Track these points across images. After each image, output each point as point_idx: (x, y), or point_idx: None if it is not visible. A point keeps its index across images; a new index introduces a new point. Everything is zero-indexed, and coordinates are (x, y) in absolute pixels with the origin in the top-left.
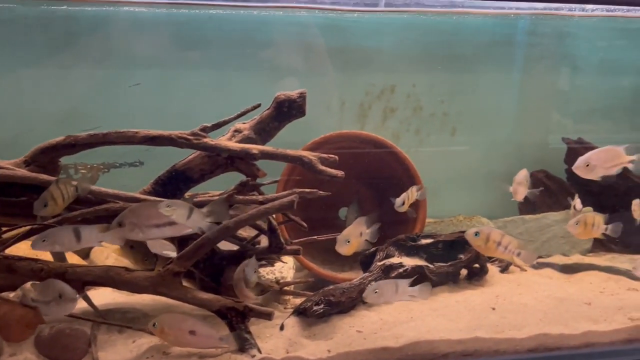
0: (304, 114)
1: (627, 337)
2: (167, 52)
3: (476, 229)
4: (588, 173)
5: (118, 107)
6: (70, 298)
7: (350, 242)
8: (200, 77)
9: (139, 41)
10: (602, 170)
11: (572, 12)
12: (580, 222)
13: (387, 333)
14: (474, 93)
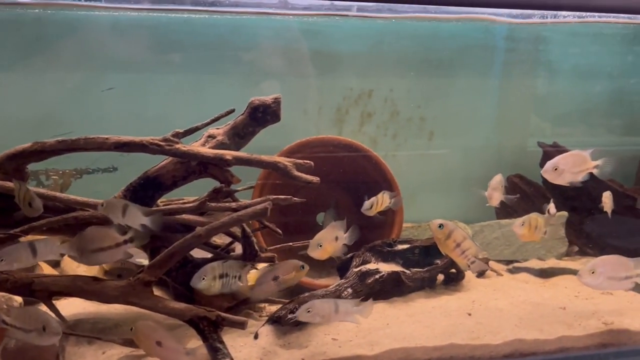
0: (278, 119)
1: (601, 342)
2: (142, 56)
3: (442, 221)
4: (556, 177)
5: (92, 112)
6: (54, 332)
7: (322, 246)
8: (176, 81)
9: (113, 45)
10: (569, 175)
11: (544, 20)
12: (525, 223)
13: (362, 340)
14: (451, 98)
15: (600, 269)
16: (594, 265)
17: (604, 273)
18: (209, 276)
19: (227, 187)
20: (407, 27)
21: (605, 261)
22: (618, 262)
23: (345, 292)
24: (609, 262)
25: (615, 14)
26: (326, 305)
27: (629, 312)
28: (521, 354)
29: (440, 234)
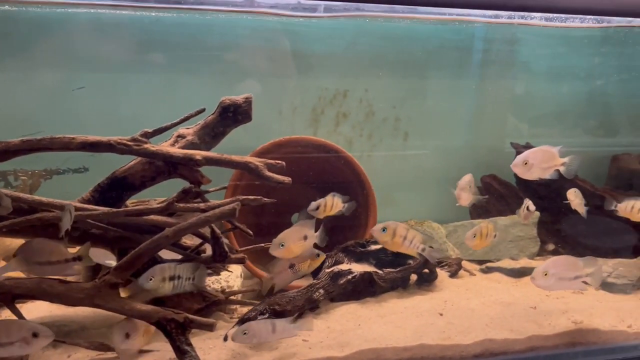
0: (250, 119)
1: (570, 341)
2: (113, 55)
3: (383, 225)
4: (526, 172)
5: (62, 112)
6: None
7: (285, 245)
8: (148, 81)
9: (83, 44)
10: (538, 170)
11: (517, 21)
12: (476, 235)
13: (333, 342)
14: (426, 98)
15: (552, 270)
16: (546, 267)
17: (556, 274)
18: (157, 277)
19: (196, 187)
20: (382, 28)
21: (556, 262)
22: (568, 263)
23: (317, 293)
24: (560, 263)
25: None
26: (262, 326)
27: (598, 311)
28: (491, 354)
29: (386, 236)
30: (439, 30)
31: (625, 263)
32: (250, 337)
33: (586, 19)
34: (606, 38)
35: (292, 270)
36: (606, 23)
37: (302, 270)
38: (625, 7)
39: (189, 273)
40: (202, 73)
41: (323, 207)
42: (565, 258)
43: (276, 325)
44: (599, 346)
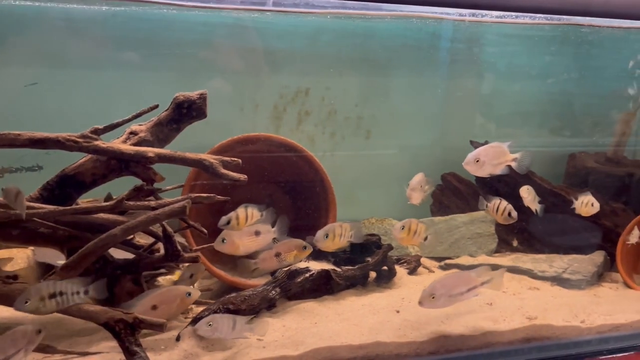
0: (204, 115)
1: (524, 337)
2: (68, 51)
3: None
4: (477, 169)
5: (13, 108)
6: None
7: (226, 240)
8: (105, 77)
9: (37, 39)
10: (489, 167)
11: (480, 19)
12: (405, 227)
13: (288, 340)
14: (388, 97)
15: (439, 291)
16: (432, 289)
17: (445, 294)
18: (34, 298)
19: (149, 185)
20: (343, 25)
21: (443, 283)
22: (456, 280)
23: (273, 292)
24: (447, 284)
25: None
26: (225, 321)
27: (552, 306)
28: (447, 351)
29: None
30: (400, 29)
31: (580, 259)
32: (214, 329)
33: (536, 17)
34: (565, 38)
35: (277, 258)
36: (565, 20)
37: (288, 259)
38: (574, 6)
39: (75, 288)
40: (161, 69)
41: (235, 220)
42: (452, 277)
43: (236, 322)
44: (552, 341)
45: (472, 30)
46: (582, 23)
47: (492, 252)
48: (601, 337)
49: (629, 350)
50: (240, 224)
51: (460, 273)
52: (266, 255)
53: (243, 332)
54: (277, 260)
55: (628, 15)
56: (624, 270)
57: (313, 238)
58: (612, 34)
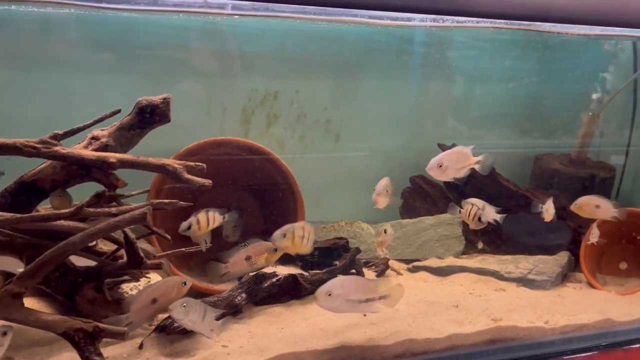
0: (168, 120)
1: (489, 338)
2: (31, 54)
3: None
4: (441, 174)
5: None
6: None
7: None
8: (68, 80)
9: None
10: (453, 171)
11: (448, 24)
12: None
13: (253, 346)
14: (357, 100)
15: (338, 290)
16: (331, 287)
17: (342, 295)
18: None
19: (111, 191)
20: (311, 29)
21: (343, 283)
22: (356, 285)
23: (239, 298)
24: (346, 285)
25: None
26: (198, 308)
27: (517, 307)
28: (412, 354)
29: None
30: (368, 32)
31: (545, 260)
32: (186, 312)
33: (496, 22)
34: (531, 42)
35: (248, 262)
36: (534, 26)
37: (259, 263)
38: (533, 12)
39: None
40: (126, 73)
41: (197, 225)
42: (353, 279)
43: (206, 314)
44: (517, 343)
45: (441, 34)
46: (552, 30)
47: (459, 254)
48: (564, 337)
49: (592, 350)
50: (201, 228)
51: (361, 279)
52: (237, 258)
53: (208, 328)
54: (247, 264)
55: (585, 21)
56: (588, 271)
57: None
58: (576, 38)
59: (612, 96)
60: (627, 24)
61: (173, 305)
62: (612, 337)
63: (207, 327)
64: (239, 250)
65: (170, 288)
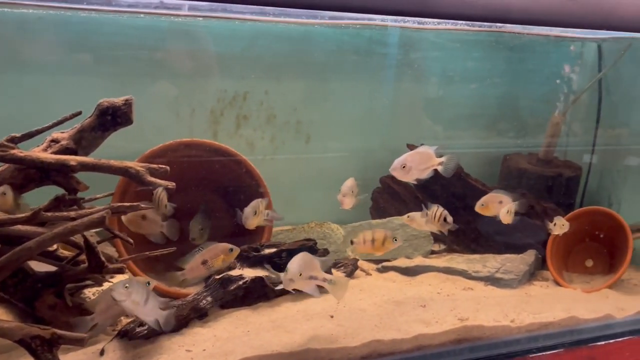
0: (130, 122)
1: (456, 338)
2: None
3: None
4: (405, 175)
5: None
6: None
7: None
8: (28, 82)
9: None
10: (416, 172)
11: (417, 26)
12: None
13: (217, 350)
14: (327, 101)
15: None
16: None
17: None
18: None
19: (72, 194)
20: (279, 30)
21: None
22: (308, 262)
23: (205, 301)
24: (302, 263)
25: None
26: (141, 289)
27: (484, 306)
28: (379, 355)
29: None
30: (337, 33)
31: (512, 258)
32: (129, 293)
33: (458, 24)
34: (500, 43)
35: (204, 265)
36: (495, 28)
37: (216, 265)
38: (494, 13)
39: None
40: (90, 74)
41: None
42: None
43: (150, 297)
44: (483, 342)
45: (410, 35)
46: (520, 31)
47: (428, 254)
48: (530, 335)
49: (558, 347)
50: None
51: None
52: (193, 264)
53: (150, 316)
54: (205, 268)
55: (545, 22)
56: (554, 268)
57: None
58: (543, 39)
59: (577, 96)
60: (588, 25)
61: (115, 285)
62: (578, 335)
63: (150, 314)
64: (195, 256)
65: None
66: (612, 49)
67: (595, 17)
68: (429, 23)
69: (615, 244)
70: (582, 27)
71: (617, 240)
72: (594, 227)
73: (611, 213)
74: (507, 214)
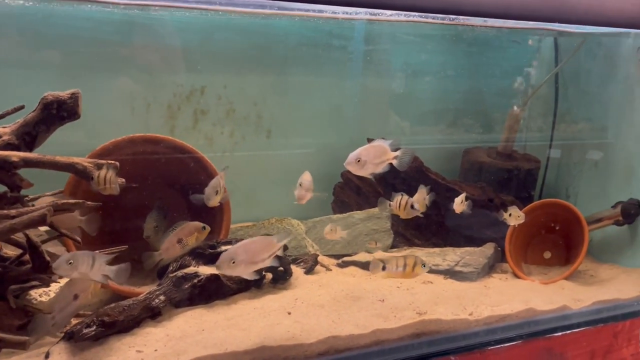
0: (77, 116)
1: (414, 332)
2: None
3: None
4: (359, 169)
5: None
6: None
7: None
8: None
9: None
10: (371, 166)
11: (376, 17)
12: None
13: (169, 350)
14: (288, 95)
15: (240, 257)
16: (232, 254)
17: (245, 260)
18: None
19: (15, 192)
20: (237, 22)
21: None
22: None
23: (157, 300)
24: (249, 249)
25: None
26: (86, 258)
27: (443, 300)
28: (336, 351)
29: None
30: (297, 27)
31: (471, 251)
32: (74, 268)
33: (411, 15)
34: (460, 37)
35: (180, 244)
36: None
37: (190, 243)
38: (446, 5)
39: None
40: (38, 67)
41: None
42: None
43: (95, 260)
44: (441, 335)
45: (369, 29)
46: (475, 24)
47: (388, 248)
48: (489, 328)
49: (516, 340)
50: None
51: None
52: (168, 244)
53: (101, 274)
54: (180, 247)
55: (497, 14)
56: (513, 261)
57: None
58: (502, 32)
59: (534, 90)
60: (540, 18)
61: (57, 264)
62: (535, 326)
63: (99, 273)
64: (169, 236)
65: (90, 283)
66: (569, 44)
67: (548, 9)
68: (383, 14)
69: (572, 235)
70: (534, 20)
71: (574, 232)
72: (551, 219)
73: (568, 205)
74: (461, 204)
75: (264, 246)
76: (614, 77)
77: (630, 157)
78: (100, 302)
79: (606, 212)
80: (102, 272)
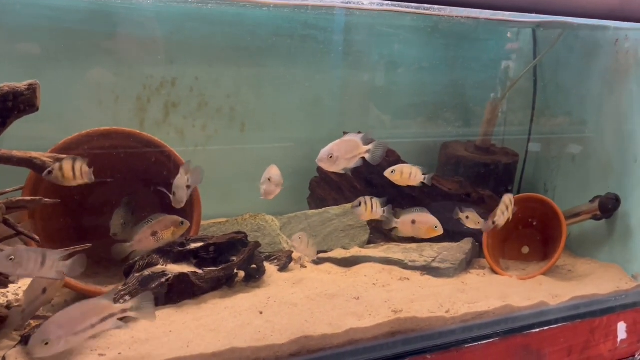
0: (35, 108)
1: (389, 331)
2: None
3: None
4: (332, 165)
5: None
6: None
7: None
8: None
9: None
10: (344, 161)
11: (349, 6)
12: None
13: (133, 353)
14: (262, 87)
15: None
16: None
17: (62, 336)
18: None
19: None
20: (208, 11)
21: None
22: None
23: (122, 300)
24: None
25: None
26: (32, 255)
27: (419, 297)
28: (309, 351)
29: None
30: (271, 17)
31: (449, 247)
32: (17, 265)
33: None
34: (436, 28)
35: (154, 237)
36: None
37: (166, 237)
38: None
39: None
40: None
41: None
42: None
43: (46, 257)
44: (417, 333)
45: (344, 20)
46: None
47: (364, 244)
48: (465, 326)
49: (493, 337)
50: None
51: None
52: (142, 236)
53: (55, 270)
54: (154, 240)
55: (476, 4)
56: (490, 256)
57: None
58: (482, 24)
59: (512, 83)
60: (519, 9)
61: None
62: (512, 323)
63: (52, 270)
64: (143, 227)
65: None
66: (547, 36)
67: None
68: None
69: (549, 230)
70: (513, 10)
71: (552, 227)
72: (529, 214)
73: (545, 200)
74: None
75: (85, 312)
76: (593, 71)
77: (608, 152)
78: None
79: (584, 207)
80: (56, 269)
